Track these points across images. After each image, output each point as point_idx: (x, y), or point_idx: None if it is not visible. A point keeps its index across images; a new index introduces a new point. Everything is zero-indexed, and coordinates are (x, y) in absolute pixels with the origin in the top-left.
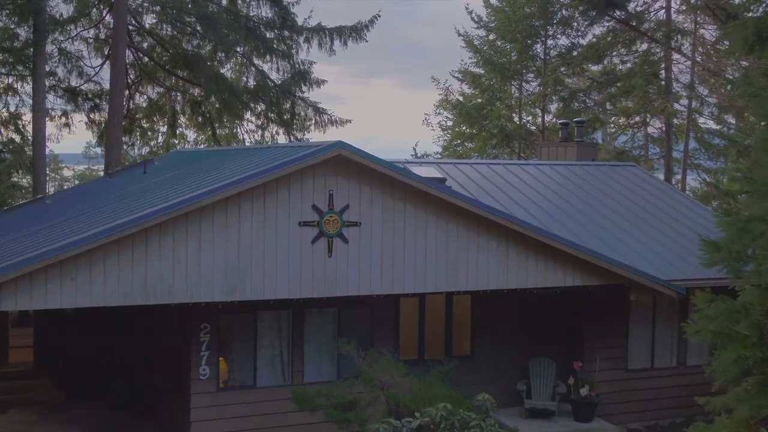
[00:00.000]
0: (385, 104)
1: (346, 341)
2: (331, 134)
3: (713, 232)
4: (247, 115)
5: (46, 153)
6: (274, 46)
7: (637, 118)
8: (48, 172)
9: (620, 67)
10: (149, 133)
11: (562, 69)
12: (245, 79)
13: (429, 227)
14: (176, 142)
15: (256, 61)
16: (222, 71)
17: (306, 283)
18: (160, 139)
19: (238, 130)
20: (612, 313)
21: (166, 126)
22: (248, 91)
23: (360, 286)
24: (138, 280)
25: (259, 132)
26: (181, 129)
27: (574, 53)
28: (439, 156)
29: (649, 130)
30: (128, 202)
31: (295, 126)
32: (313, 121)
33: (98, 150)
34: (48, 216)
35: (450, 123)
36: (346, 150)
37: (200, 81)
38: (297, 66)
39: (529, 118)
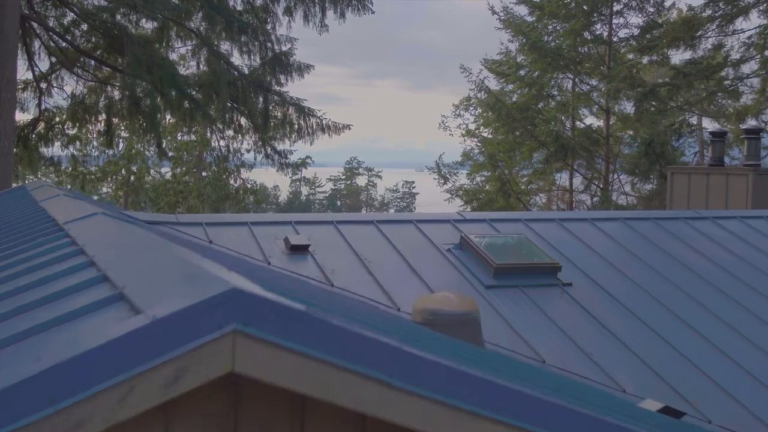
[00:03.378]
0: (389, 106)
1: None
2: (325, 143)
3: None
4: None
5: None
6: (241, 18)
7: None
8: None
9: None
10: (78, 142)
11: (632, 56)
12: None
13: None
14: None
15: (216, 43)
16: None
17: None
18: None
19: (214, 136)
20: None
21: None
22: (198, 82)
23: None
24: None
25: (239, 138)
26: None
27: (647, 36)
28: (460, 161)
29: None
30: None
31: (273, 132)
32: (296, 126)
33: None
34: None
35: (473, 126)
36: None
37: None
38: (271, 47)
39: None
